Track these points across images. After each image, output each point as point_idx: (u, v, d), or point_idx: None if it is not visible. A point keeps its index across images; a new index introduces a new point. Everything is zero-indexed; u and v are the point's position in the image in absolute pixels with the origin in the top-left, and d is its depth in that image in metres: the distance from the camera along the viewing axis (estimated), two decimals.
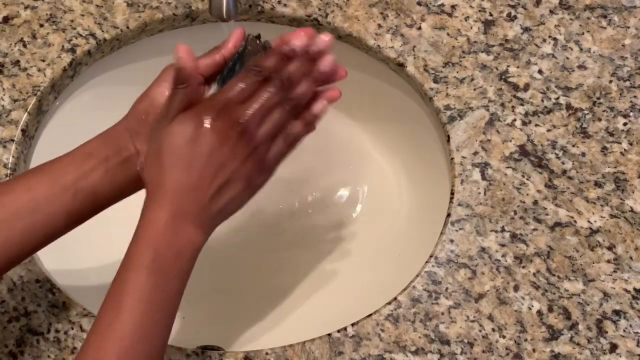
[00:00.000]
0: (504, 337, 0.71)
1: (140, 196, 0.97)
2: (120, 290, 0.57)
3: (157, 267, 0.58)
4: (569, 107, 0.81)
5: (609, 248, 0.75)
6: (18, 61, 0.84)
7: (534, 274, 0.74)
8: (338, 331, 0.72)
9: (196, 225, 0.60)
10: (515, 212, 0.77)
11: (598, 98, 0.82)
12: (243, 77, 0.62)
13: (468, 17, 0.86)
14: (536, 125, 0.80)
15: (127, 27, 0.85)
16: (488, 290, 0.73)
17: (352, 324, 0.72)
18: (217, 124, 0.59)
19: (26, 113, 0.81)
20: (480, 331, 0.71)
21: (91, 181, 0.64)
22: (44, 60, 0.84)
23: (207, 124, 0.59)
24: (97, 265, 0.85)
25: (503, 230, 0.76)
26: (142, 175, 0.62)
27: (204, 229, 0.61)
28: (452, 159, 0.79)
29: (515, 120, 0.81)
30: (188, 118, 0.60)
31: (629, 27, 0.85)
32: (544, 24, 0.85)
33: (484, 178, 0.78)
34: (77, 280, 0.81)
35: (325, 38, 0.64)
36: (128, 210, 0.92)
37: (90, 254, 0.86)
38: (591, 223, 0.76)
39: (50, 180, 0.64)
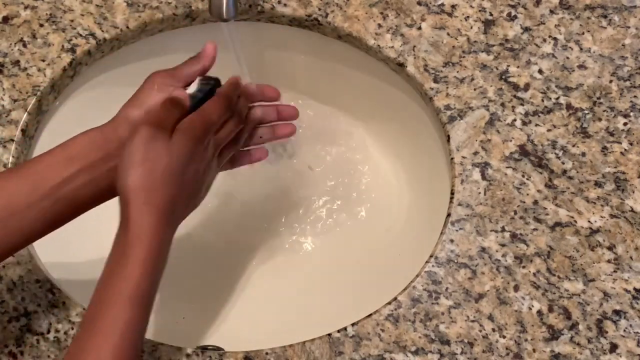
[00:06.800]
0: (504, 337, 0.71)
1: None
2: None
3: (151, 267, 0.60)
4: (569, 107, 0.81)
5: (609, 248, 0.75)
6: (18, 61, 0.83)
7: (534, 274, 0.74)
8: (338, 331, 0.72)
9: (173, 227, 0.64)
10: (516, 212, 0.76)
11: (598, 98, 0.82)
12: (221, 106, 0.67)
13: (468, 16, 0.86)
14: (536, 125, 0.80)
15: (127, 27, 0.85)
16: (488, 290, 0.73)
17: (352, 324, 0.72)
18: (205, 145, 0.65)
19: (26, 113, 0.81)
20: (480, 331, 0.71)
21: (73, 187, 0.63)
22: (43, 60, 0.84)
23: (201, 147, 0.64)
24: (98, 265, 0.85)
25: (503, 230, 0.76)
26: (120, 182, 0.61)
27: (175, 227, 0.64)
28: (452, 159, 0.79)
29: (515, 120, 0.81)
30: (188, 141, 0.63)
31: (629, 27, 0.85)
32: (544, 23, 0.85)
33: (484, 178, 0.78)
34: (77, 279, 0.81)
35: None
36: None
37: (92, 254, 0.86)
38: (591, 223, 0.76)
39: (30, 187, 0.62)
